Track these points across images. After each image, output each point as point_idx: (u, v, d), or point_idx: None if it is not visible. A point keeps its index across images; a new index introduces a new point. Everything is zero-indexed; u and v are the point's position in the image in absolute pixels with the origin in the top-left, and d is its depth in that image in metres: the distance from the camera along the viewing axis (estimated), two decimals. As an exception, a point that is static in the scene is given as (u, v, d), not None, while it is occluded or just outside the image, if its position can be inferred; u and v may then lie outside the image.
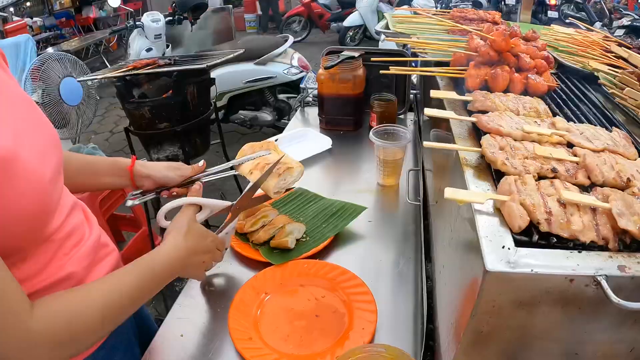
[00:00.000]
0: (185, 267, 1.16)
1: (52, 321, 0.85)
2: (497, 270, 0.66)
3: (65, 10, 12.31)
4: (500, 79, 1.29)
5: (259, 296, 1.37)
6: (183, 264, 1.14)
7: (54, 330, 0.85)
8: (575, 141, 1.01)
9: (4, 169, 0.82)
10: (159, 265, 1.07)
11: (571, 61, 1.62)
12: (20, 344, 0.80)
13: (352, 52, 2.39)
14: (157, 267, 1.06)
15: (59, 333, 0.86)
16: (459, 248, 0.90)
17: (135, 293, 1.00)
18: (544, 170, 0.89)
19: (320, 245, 1.55)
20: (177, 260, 1.11)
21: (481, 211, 0.78)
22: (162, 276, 1.07)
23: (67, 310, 0.88)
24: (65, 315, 0.87)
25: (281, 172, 1.42)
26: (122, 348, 1.24)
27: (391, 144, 1.82)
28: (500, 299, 0.70)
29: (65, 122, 4.10)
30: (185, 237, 1.15)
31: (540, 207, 0.76)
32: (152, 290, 1.05)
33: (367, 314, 1.28)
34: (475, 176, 0.90)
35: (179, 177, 1.39)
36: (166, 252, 1.10)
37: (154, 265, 1.06)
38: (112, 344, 1.18)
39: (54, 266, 1.01)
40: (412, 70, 1.44)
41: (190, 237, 1.17)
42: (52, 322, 0.85)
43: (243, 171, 1.48)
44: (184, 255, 1.13)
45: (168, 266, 1.09)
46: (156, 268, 1.06)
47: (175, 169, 1.39)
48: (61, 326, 0.86)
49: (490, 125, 1.01)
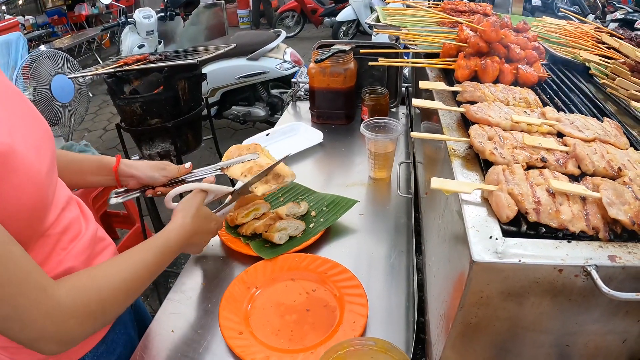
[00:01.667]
0: (190, 245, 1.27)
1: (82, 294, 0.89)
2: (484, 260, 0.65)
3: (57, 7, 12.24)
4: (490, 69, 1.28)
5: (250, 290, 1.36)
6: (188, 242, 1.22)
7: (85, 302, 0.89)
8: (566, 131, 1.00)
9: (3, 164, 0.82)
10: (173, 241, 1.15)
11: (562, 52, 1.61)
12: (53, 317, 0.84)
13: (343, 45, 2.37)
14: (172, 242, 1.15)
15: (89, 304, 0.90)
16: (448, 240, 0.89)
17: (154, 267, 1.07)
18: (533, 160, 0.88)
19: (311, 239, 1.54)
20: (184, 239, 1.19)
21: (468, 201, 0.77)
22: (174, 251, 1.16)
23: (94, 283, 0.93)
24: (94, 288, 0.92)
25: (270, 180, 1.47)
26: (122, 342, 1.25)
27: (382, 136, 1.81)
28: (489, 290, 0.69)
29: (57, 120, 4.06)
30: (192, 219, 1.23)
31: (528, 197, 0.75)
32: (165, 264, 1.12)
33: (358, 307, 1.27)
34: (463, 166, 0.89)
35: (164, 177, 1.43)
36: (176, 231, 1.18)
37: (169, 242, 1.14)
38: (112, 338, 1.21)
39: (53, 261, 1.02)
40: (400, 62, 1.43)
41: (197, 219, 1.24)
42: (82, 294, 0.89)
43: (233, 174, 1.49)
44: (190, 234, 1.21)
45: (177, 243, 1.16)
46: (170, 244, 1.14)
47: (160, 170, 1.43)
48: (91, 298, 0.91)
49: (478, 115, 1.00)
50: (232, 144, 1.57)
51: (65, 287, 0.88)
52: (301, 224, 1.57)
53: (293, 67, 5.42)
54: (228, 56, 5.30)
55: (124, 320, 1.30)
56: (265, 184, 1.46)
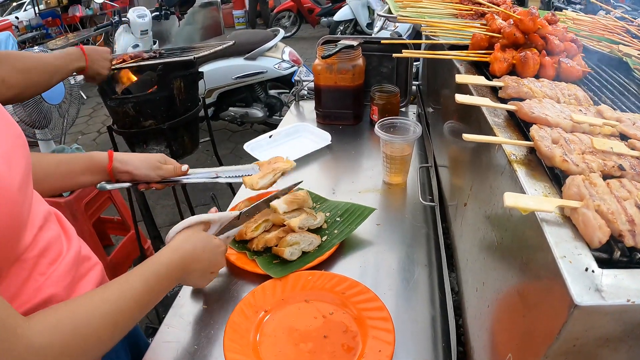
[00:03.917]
0: (189, 273, 1.12)
1: (58, 333, 0.77)
2: (588, 304, 0.50)
3: (51, 9, 12.13)
4: (532, 62, 1.12)
5: (257, 315, 1.20)
6: (187, 269, 1.09)
7: (62, 342, 0.77)
8: (631, 132, 0.85)
9: None
10: (165, 267, 1.02)
11: (597, 46, 1.46)
12: None
13: (350, 40, 2.22)
14: (163, 269, 1.02)
15: (67, 345, 0.78)
16: (514, 266, 0.72)
17: (145, 298, 0.95)
18: (608, 168, 0.73)
19: (326, 253, 1.38)
20: (180, 264, 1.06)
21: (549, 221, 0.61)
22: (168, 278, 1.03)
23: (73, 320, 0.80)
24: (70, 324, 0.79)
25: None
26: None
27: (399, 138, 1.66)
28: (585, 337, 0.53)
29: (47, 122, 3.88)
30: (189, 242, 1.11)
31: (620, 215, 0.60)
32: (159, 294, 1.00)
33: (382, 333, 1.11)
34: (529, 175, 0.72)
35: (158, 176, 1.36)
36: (169, 255, 1.05)
37: (161, 268, 1.01)
38: None
39: (30, 289, 0.90)
40: (429, 54, 1.28)
41: (195, 241, 1.12)
42: (59, 333, 0.77)
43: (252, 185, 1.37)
44: (188, 259, 1.08)
45: (169, 269, 1.03)
46: (162, 270, 1.01)
47: (156, 169, 1.35)
48: (70, 337, 0.78)
49: (535, 114, 0.84)
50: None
51: (39, 326, 0.75)
52: (316, 238, 1.41)
53: (292, 66, 5.27)
54: (225, 56, 5.16)
55: (116, 348, 1.15)
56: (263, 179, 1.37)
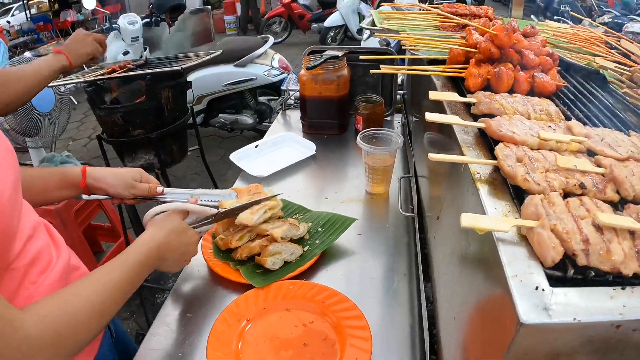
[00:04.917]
0: (164, 261, 1.16)
1: (51, 323, 0.81)
2: (534, 322, 0.52)
3: (43, 14, 12.09)
4: (505, 77, 1.16)
5: (240, 323, 1.22)
6: (161, 256, 1.13)
7: (55, 331, 0.82)
8: (597, 149, 0.89)
9: None
10: (144, 256, 1.07)
11: (574, 58, 1.49)
12: (23, 351, 0.77)
13: (336, 51, 2.24)
14: (142, 257, 1.06)
15: (60, 333, 0.82)
16: (476, 281, 0.75)
17: (127, 286, 1.00)
18: (570, 186, 0.76)
19: (307, 263, 1.40)
20: (155, 252, 1.11)
21: (504, 240, 0.64)
22: (146, 265, 1.07)
23: (64, 310, 0.85)
24: (62, 315, 0.84)
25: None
26: None
27: (380, 149, 1.69)
28: (534, 353, 0.56)
29: (37, 130, 3.88)
30: (163, 230, 1.16)
31: (575, 235, 0.63)
32: (138, 281, 1.05)
33: (360, 341, 1.14)
34: (491, 194, 0.75)
35: (132, 195, 1.37)
36: (146, 244, 1.10)
37: (140, 257, 1.06)
38: None
39: (21, 297, 0.93)
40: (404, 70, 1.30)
41: (169, 231, 1.17)
42: (52, 323, 0.81)
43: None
44: (162, 247, 1.13)
45: (147, 257, 1.08)
46: (141, 258, 1.06)
47: (130, 188, 1.36)
48: (62, 326, 0.83)
49: (502, 132, 0.87)
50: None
51: (33, 317, 0.79)
52: (298, 248, 1.43)
53: (281, 73, 5.29)
54: (215, 63, 5.16)
55: (107, 354, 1.19)
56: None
